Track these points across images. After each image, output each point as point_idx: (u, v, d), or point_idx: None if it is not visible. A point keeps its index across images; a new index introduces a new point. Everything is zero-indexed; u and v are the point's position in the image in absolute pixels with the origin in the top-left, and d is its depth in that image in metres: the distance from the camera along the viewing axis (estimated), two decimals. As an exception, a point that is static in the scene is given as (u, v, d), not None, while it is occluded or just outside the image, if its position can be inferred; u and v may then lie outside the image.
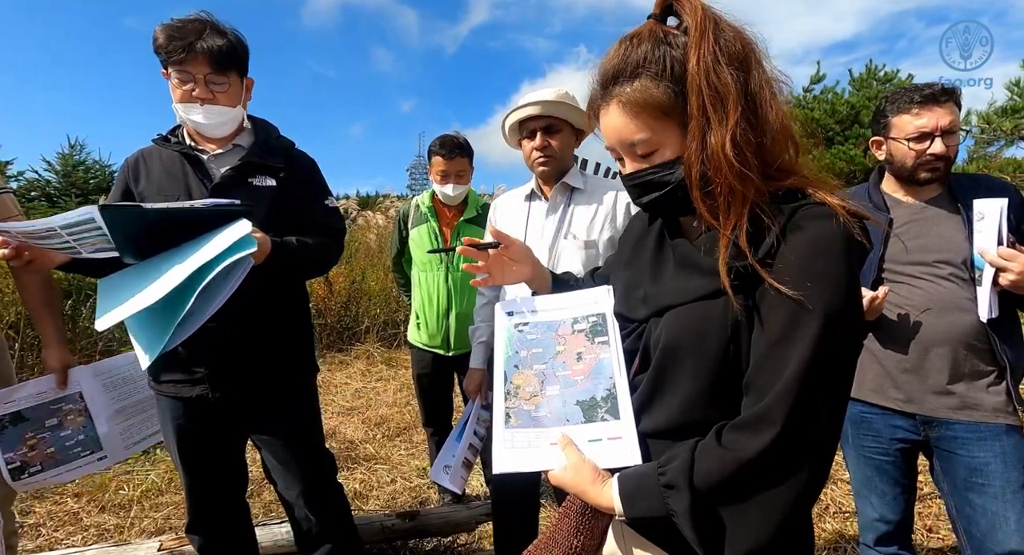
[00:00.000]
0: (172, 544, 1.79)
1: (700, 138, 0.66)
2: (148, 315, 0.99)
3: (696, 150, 0.66)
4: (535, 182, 1.65)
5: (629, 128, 0.70)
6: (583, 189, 1.59)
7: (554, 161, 1.55)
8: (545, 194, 1.63)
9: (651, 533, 0.77)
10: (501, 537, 1.70)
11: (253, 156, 1.39)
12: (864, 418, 1.43)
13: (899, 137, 1.35)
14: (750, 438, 0.63)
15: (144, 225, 1.07)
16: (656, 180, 0.72)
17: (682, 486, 0.65)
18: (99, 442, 1.40)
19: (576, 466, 0.75)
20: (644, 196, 0.75)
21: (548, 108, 1.52)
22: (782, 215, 0.66)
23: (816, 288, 0.62)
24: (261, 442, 1.50)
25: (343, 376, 4.43)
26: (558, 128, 1.55)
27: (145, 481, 2.68)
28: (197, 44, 1.28)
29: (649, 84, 0.68)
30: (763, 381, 0.64)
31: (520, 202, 1.68)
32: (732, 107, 0.65)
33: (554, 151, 1.55)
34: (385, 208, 9.08)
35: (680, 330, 0.71)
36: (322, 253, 1.45)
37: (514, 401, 0.84)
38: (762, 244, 0.65)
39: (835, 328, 0.61)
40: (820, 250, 0.63)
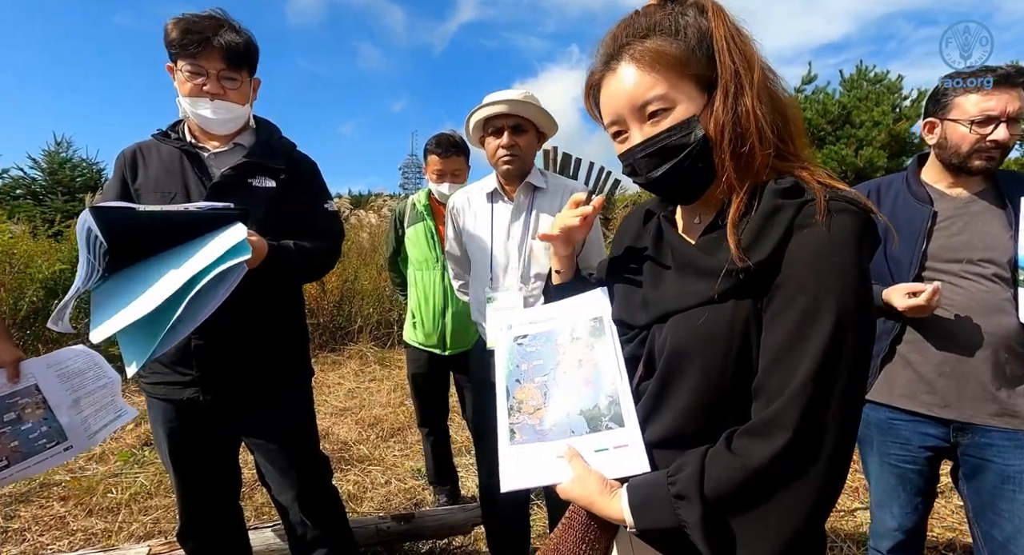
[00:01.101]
0: (161, 549, 1.75)
1: (733, 97, 0.65)
2: (136, 323, 0.97)
3: (729, 111, 0.65)
4: (496, 181, 1.66)
5: (644, 83, 0.67)
6: (545, 189, 1.62)
7: (519, 160, 1.57)
8: (508, 193, 1.65)
9: (661, 544, 0.75)
10: (494, 543, 1.68)
11: (254, 156, 1.37)
12: (892, 425, 1.37)
13: (960, 118, 1.26)
14: (761, 444, 0.60)
15: (136, 227, 1.04)
16: (673, 143, 0.68)
17: (693, 496, 0.62)
18: (63, 432, 1.36)
19: (583, 478, 0.72)
20: (661, 165, 0.70)
21: (516, 107, 1.54)
22: (790, 209, 0.64)
23: (828, 287, 0.60)
24: (255, 445, 1.47)
25: (336, 376, 4.39)
26: (525, 128, 1.57)
27: (134, 484, 2.63)
28: (214, 39, 1.27)
29: (663, 41, 0.67)
30: (774, 384, 0.62)
31: (483, 202, 1.69)
32: (757, 72, 0.65)
33: (520, 150, 1.57)
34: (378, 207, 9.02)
35: (686, 337, 0.69)
36: (320, 257, 1.43)
37: (517, 417, 0.81)
38: (770, 242, 0.63)
39: (848, 328, 0.59)
40: (831, 247, 0.60)
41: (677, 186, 0.73)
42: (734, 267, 0.64)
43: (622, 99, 0.70)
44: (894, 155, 9.95)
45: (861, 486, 2.53)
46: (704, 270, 0.69)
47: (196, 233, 1.07)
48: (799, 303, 0.61)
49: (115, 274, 1.11)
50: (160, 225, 1.06)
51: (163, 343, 0.99)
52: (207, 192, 1.31)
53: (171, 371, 1.34)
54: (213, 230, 1.07)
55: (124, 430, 3.28)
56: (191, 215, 1.06)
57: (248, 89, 1.40)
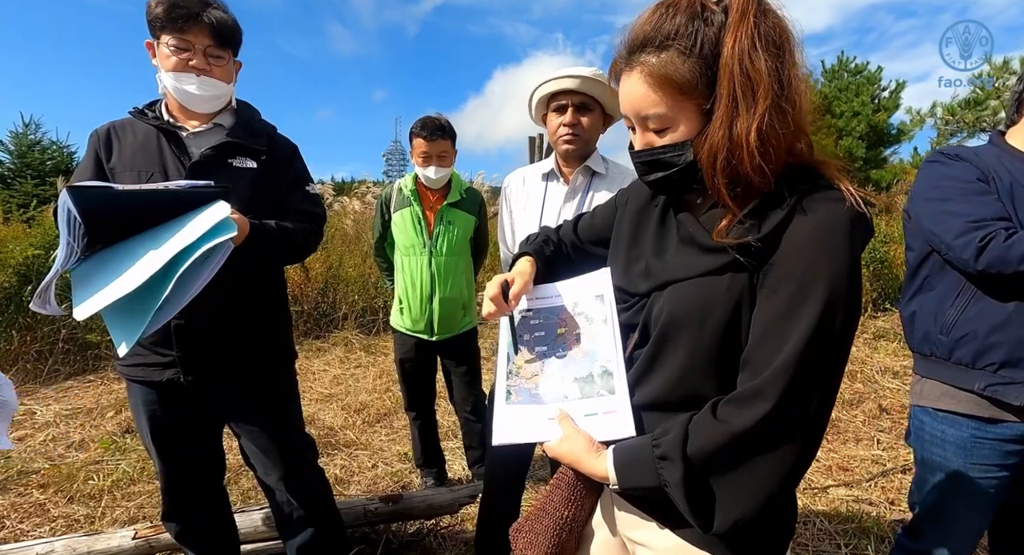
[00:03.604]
0: (147, 532, 1.75)
1: (728, 123, 0.65)
2: (124, 301, 0.96)
3: (723, 136, 0.65)
4: (554, 162, 1.60)
5: (647, 100, 0.69)
6: (604, 175, 1.55)
7: (580, 140, 1.51)
8: (565, 176, 1.59)
9: (642, 503, 0.79)
10: (485, 519, 1.71)
11: (235, 136, 1.35)
12: (977, 442, 1.23)
13: None
14: (743, 411, 0.64)
15: (114, 207, 1.02)
16: (664, 160, 0.72)
17: (675, 458, 0.67)
18: None
19: (571, 438, 0.77)
20: (651, 174, 0.75)
21: (584, 85, 1.47)
22: (792, 195, 0.66)
23: (820, 270, 0.63)
24: (239, 428, 1.47)
25: (321, 363, 4.37)
26: (590, 107, 1.51)
27: (116, 470, 2.60)
28: (203, 15, 1.26)
29: (676, 58, 0.66)
30: (760, 358, 0.65)
31: (537, 181, 1.64)
32: (762, 95, 0.63)
33: (582, 130, 1.50)
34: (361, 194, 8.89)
35: (682, 305, 0.72)
36: (301, 238, 1.42)
37: (515, 380, 0.87)
38: (770, 223, 0.66)
39: (836, 311, 0.62)
40: (827, 233, 0.63)
41: (668, 191, 0.79)
42: (737, 242, 0.66)
43: (629, 104, 0.72)
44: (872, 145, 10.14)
45: (834, 465, 2.63)
46: (708, 244, 0.71)
47: (177, 212, 1.06)
48: (791, 283, 0.64)
49: (94, 255, 1.09)
50: (140, 204, 1.04)
51: (153, 322, 0.99)
52: (186, 172, 1.29)
53: (150, 352, 1.32)
54: (194, 208, 1.05)
55: (104, 417, 3.24)
56: (171, 193, 1.04)
57: (232, 69, 1.38)
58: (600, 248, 1.00)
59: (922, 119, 9.82)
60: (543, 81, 1.52)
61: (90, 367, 3.99)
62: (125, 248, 1.05)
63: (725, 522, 0.65)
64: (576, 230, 1.05)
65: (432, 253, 2.23)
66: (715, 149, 0.66)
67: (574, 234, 1.04)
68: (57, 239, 1.08)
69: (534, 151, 7.61)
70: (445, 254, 2.24)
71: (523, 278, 0.89)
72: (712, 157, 0.67)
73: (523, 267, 0.94)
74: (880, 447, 2.82)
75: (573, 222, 1.07)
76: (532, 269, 0.94)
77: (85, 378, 3.89)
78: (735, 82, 0.63)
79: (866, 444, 2.86)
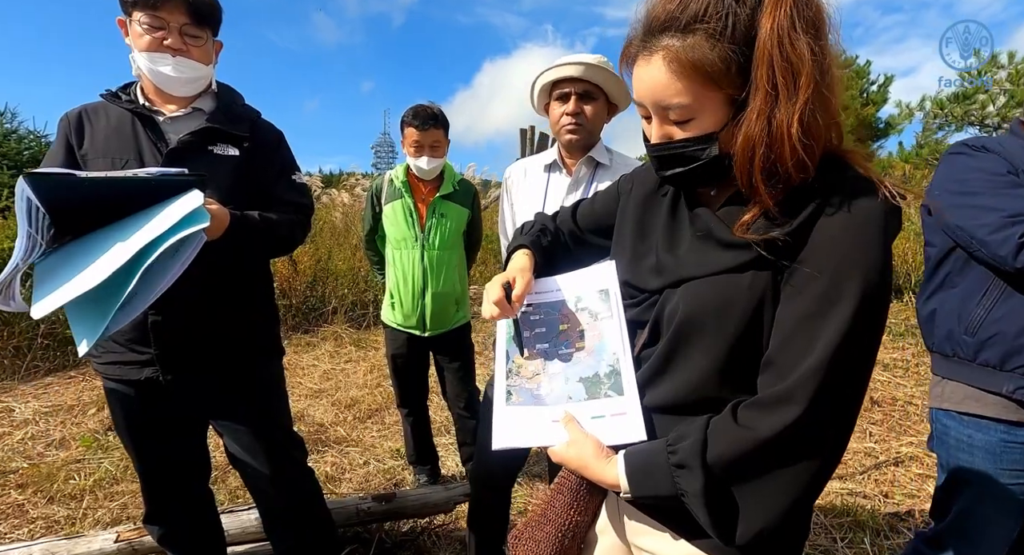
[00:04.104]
0: (130, 535, 1.69)
1: (767, 114, 0.59)
2: (88, 297, 0.89)
3: (761, 128, 0.60)
4: (557, 153, 1.55)
5: (670, 89, 0.63)
6: (608, 166, 1.51)
7: (584, 130, 1.46)
8: (568, 167, 1.54)
9: (654, 510, 0.75)
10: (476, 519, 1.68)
11: (216, 122, 1.28)
12: (1007, 447, 1.19)
13: None
14: (769, 416, 0.60)
15: (79, 196, 0.96)
16: (687, 154, 0.66)
17: (694, 466, 0.63)
18: None
19: (579, 442, 0.72)
20: (668, 169, 0.70)
21: (589, 72, 1.41)
22: (822, 186, 0.62)
23: (854, 266, 0.59)
24: (223, 428, 1.41)
25: (310, 358, 4.30)
26: (594, 96, 1.45)
27: (98, 470, 2.53)
28: None
29: (704, 43, 0.60)
30: (786, 359, 0.62)
31: (539, 172, 1.59)
32: (805, 82, 0.58)
33: (586, 120, 1.45)
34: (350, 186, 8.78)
35: (700, 304, 0.68)
36: (287, 230, 1.35)
37: (516, 380, 0.82)
38: (800, 217, 0.62)
39: (869, 309, 0.59)
40: (861, 227, 0.60)
41: (684, 185, 0.74)
42: (764, 239, 0.62)
43: (647, 92, 0.66)
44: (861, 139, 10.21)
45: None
46: (728, 240, 0.67)
47: (149, 201, 0.99)
48: (822, 280, 0.60)
49: (63, 247, 1.02)
50: (107, 193, 0.98)
51: (116, 319, 0.93)
52: (163, 159, 1.22)
53: (127, 350, 1.26)
54: (167, 198, 0.99)
55: (85, 414, 3.15)
56: (141, 181, 0.97)
57: (211, 49, 1.30)
58: (600, 238, 0.96)
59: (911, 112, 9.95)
60: (546, 69, 1.47)
61: (71, 363, 3.88)
62: (93, 240, 0.98)
63: (748, 533, 0.62)
64: (575, 218, 1.00)
65: (424, 247, 2.18)
66: (752, 143, 0.61)
67: (573, 222, 0.99)
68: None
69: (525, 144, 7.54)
70: (438, 248, 2.18)
71: (525, 277, 0.84)
72: (749, 152, 0.61)
73: (522, 262, 0.89)
74: (872, 440, 2.84)
75: (571, 210, 1.01)
76: (531, 263, 0.89)
77: (66, 374, 3.78)
78: (775, 68, 0.58)
79: (858, 436, 2.87)
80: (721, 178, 0.68)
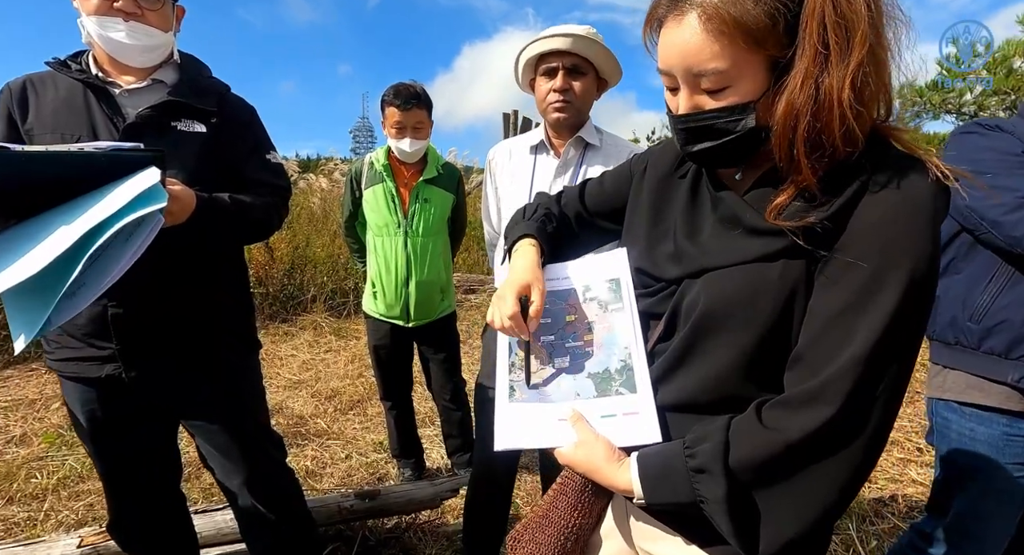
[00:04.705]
0: (95, 539, 1.59)
1: (814, 78, 0.53)
2: (29, 286, 0.79)
3: (808, 94, 0.53)
4: (544, 132, 1.46)
5: (705, 52, 0.56)
6: (599, 147, 1.43)
7: (572, 108, 1.37)
8: (555, 148, 1.45)
9: (666, 516, 0.70)
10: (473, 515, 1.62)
11: (179, 95, 1.16)
12: (1010, 440, 1.17)
13: None
14: (798, 417, 0.55)
15: (18, 174, 0.84)
16: (719, 127, 0.59)
17: (716, 471, 0.57)
18: None
19: (588, 443, 0.67)
20: (696, 144, 0.62)
21: (578, 45, 1.31)
22: (865, 166, 0.56)
23: (901, 254, 0.53)
24: (194, 428, 1.32)
25: (289, 348, 4.17)
26: (583, 71, 1.36)
27: (62, 467, 2.40)
28: None
29: (746, 1, 0.53)
30: (819, 355, 0.56)
31: (525, 154, 1.50)
32: (859, 41, 0.51)
33: (574, 96, 1.36)
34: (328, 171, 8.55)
35: (724, 295, 0.62)
36: (262, 213, 1.25)
37: (519, 374, 0.76)
38: (840, 198, 0.55)
39: (914, 301, 0.53)
40: (910, 210, 0.53)
41: (713, 163, 0.67)
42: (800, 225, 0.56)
43: (677, 58, 0.59)
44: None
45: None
46: (757, 226, 0.61)
47: (99, 181, 0.89)
48: (863, 269, 0.54)
49: (5, 231, 0.91)
50: (51, 170, 0.87)
51: (60, 312, 0.82)
52: (120, 135, 1.10)
53: (84, 345, 1.15)
54: (120, 177, 0.88)
55: (49, 409, 2.99)
56: (88, 157, 0.86)
57: (171, 14, 1.18)
58: (610, 222, 0.89)
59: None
60: (531, 41, 1.37)
61: (32, 355, 3.68)
62: (36, 224, 0.87)
63: (774, 543, 0.57)
64: (583, 199, 0.92)
65: (408, 233, 2.08)
66: (796, 111, 0.54)
67: (580, 204, 0.92)
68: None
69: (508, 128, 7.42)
70: (422, 234, 2.09)
71: (540, 287, 0.76)
72: (791, 121, 0.55)
73: (531, 262, 0.79)
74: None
75: (578, 191, 0.94)
76: (540, 260, 0.81)
77: (27, 366, 3.60)
78: (826, 24, 0.51)
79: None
80: (751, 155, 0.62)
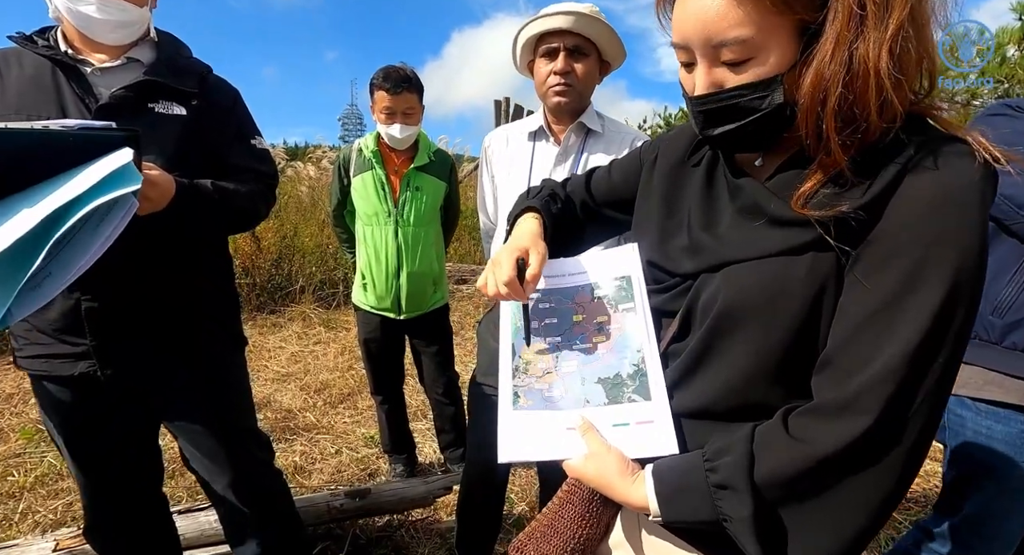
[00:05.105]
0: (71, 543, 1.52)
1: (847, 44, 0.47)
2: None
3: (840, 63, 0.47)
4: (543, 118, 1.39)
5: (727, 18, 0.50)
6: (601, 134, 1.36)
7: (574, 92, 1.29)
8: (555, 134, 1.38)
9: (685, 532, 0.65)
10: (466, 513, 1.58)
11: (156, 75, 1.09)
12: None
13: None
14: (830, 428, 0.50)
15: None
16: (743, 105, 0.53)
17: (740, 487, 0.52)
18: None
19: (599, 455, 0.62)
20: (716, 126, 0.57)
21: (581, 24, 1.24)
22: (905, 148, 0.50)
23: (946, 247, 0.48)
24: (177, 429, 1.25)
25: (277, 340, 4.09)
26: (586, 52, 1.28)
27: (40, 465, 2.32)
28: None
29: None
30: (852, 358, 0.51)
31: (523, 141, 1.43)
32: (899, 4, 0.46)
33: (576, 79, 1.29)
34: (317, 159, 8.38)
35: (746, 292, 0.56)
36: (247, 201, 1.18)
37: (524, 379, 0.71)
38: (878, 186, 0.50)
39: (960, 299, 0.48)
40: (956, 198, 0.48)
41: (735, 147, 0.61)
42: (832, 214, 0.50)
43: (696, 28, 0.53)
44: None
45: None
46: (782, 216, 0.55)
47: (67, 162, 0.82)
48: (902, 263, 0.49)
49: None
50: (12, 149, 0.79)
51: (22, 304, 0.76)
52: (92, 116, 1.02)
53: (55, 341, 1.08)
54: (90, 158, 0.81)
55: (27, 404, 2.89)
56: (53, 136, 0.79)
57: None
58: (617, 212, 0.84)
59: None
60: (530, 19, 1.30)
61: (8, 348, 3.57)
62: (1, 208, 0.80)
63: None
64: (589, 188, 0.87)
65: (398, 223, 2.01)
66: (826, 82, 0.48)
67: (586, 192, 0.86)
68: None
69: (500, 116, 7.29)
70: (413, 224, 2.02)
71: (540, 249, 0.71)
72: (820, 93, 0.49)
73: (532, 228, 0.75)
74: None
75: (584, 178, 0.88)
76: (542, 230, 0.76)
77: (5, 360, 3.48)
78: None
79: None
80: (776, 136, 0.56)
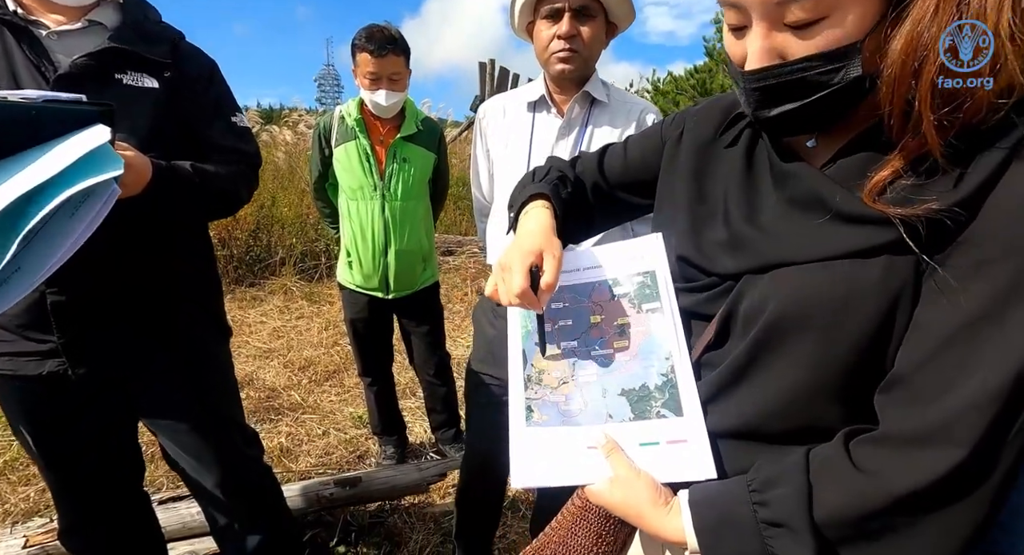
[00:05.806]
0: (42, 538, 1.44)
1: (954, 5, 0.38)
2: None
3: (943, 23, 0.38)
4: (544, 86, 1.27)
5: None
6: (607, 103, 1.25)
7: (579, 58, 1.18)
8: (558, 105, 1.27)
9: None
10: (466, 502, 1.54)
11: (123, 41, 0.95)
12: None
13: None
14: (912, 461, 0.43)
15: None
16: (810, 79, 0.44)
17: (798, 527, 0.45)
18: None
19: (627, 481, 0.55)
20: (776, 106, 0.47)
21: None
22: (1014, 130, 0.42)
23: None
24: (157, 427, 1.17)
25: (257, 314, 3.96)
26: (592, 13, 1.16)
27: (9, 449, 2.21)
28: None
29: None
30: (934, 378, 0.43)
31: (522, 111, 1.31)
32: None
33: (582, 44, 1.17)
34: (293, 123, 8.01)
35: (807, 300, 0.48)
36: (229, 183, 1.08)
37: (537, 390, 0.64)
38: (973, 177, 0.42)
39: None
40: None
41: (791, 129, 0.52)
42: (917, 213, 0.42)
43: None
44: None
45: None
46: (851, 211, 0.47)
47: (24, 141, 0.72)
48: (1002, 269, 0.41)
49: None
50: None
51: None
52: (51, 86, 0.90)
53: (19, 338, 0.98)
54: (57, 135, 0.71)
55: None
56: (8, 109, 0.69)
57: None
58: (632, 195, 0.76)
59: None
60: None
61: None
62: None
63: None
64: (601, 168, 0.77)
65: (385, 197, 1.88)
66: (926, 46, 0.40)
67: (599, 174, 0.77)
68: None
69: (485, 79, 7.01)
70: (400, 198, 1.90)
71: (556, 254, 0.62)
72: (914, 62, 0.41)
73: (544, 225, 0.66)
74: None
75: (597, 157, 0.79)
76: (555, 226, 0.67)
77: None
78: None
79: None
80: (845, 115, 0.48)
